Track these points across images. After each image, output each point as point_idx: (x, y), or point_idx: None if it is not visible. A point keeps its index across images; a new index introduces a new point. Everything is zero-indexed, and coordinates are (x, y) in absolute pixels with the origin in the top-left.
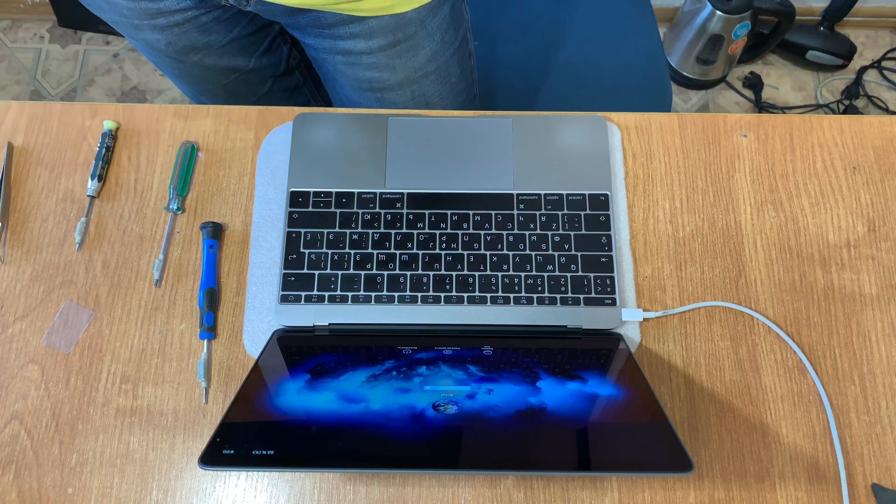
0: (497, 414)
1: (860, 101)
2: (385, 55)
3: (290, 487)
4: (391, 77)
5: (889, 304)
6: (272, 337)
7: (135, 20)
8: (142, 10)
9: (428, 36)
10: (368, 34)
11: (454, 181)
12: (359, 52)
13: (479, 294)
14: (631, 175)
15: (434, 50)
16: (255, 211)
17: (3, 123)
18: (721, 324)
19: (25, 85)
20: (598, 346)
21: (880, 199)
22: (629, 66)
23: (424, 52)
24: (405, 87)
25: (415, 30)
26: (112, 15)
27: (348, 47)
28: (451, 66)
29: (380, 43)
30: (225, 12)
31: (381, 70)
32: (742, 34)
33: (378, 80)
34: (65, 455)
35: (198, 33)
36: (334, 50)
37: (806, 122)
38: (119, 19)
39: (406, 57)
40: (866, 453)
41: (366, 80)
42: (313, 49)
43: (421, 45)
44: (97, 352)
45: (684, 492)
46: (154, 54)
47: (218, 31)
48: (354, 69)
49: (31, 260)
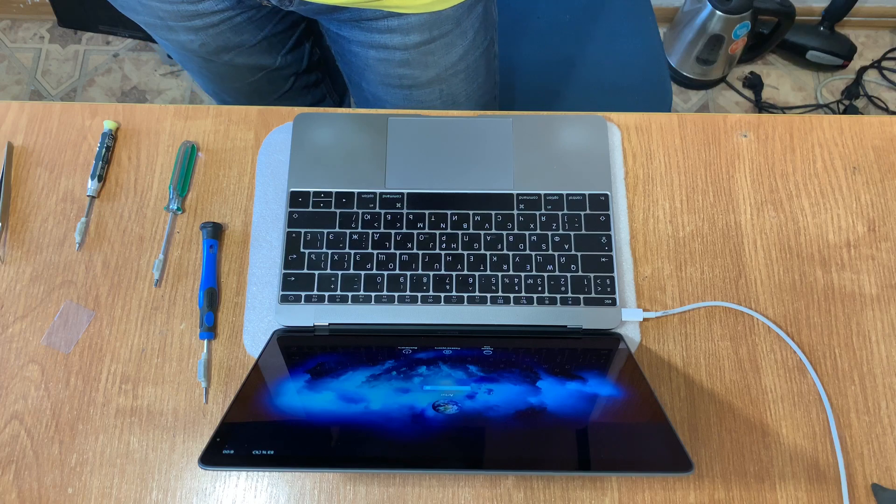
0: (497, 414)
1: (860, 101)
2: (419, 52)
3: (290, 487)
4: (422, 74)
5: (889, 304)
6: (272, 337)
7: (170, 22)
8: (179, 12)
9: (462, 34)
10: (406, 29)
11: (454, 181)
12: (393, 47)
13: (479, 294)
14: (631, 175)
15: (466, 49)
16: (255, 211)
17: (3, 123)
18: (721, 324)
19: (25, 85)
20: (598, 346)
21: (880, 199)
22: (629, 67)
23: (457, 50)
24: (434, 86)
25: (450, 27)
26: (146, 17)
27: (384, 41)
28: (480, 66)
29: (415, 39)
30: (258, 11)
31: (414, 67)
32: (742, 34)
33: (409, 76)
34: (65, 455)
35: (231, 33)
36: (369, 44)
37: (806, 122)
38: (153, 21)
39: (439, 54)
40: (866, 453)
41: (396, 76)
42: (346, 41)
43: (454, 43)
44: (97, 352)
45: (684, 492)
46: (184, 54)
47: (250, 31)
48: (386, 65)
49: (31, 260)
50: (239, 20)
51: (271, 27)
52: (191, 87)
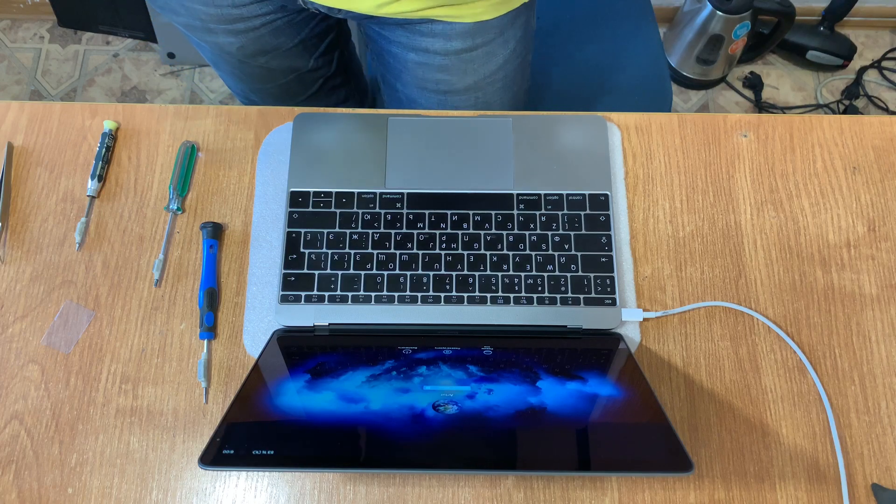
0: (497, 414)
1: (860, 101)
2: (460, 58)
3: (290, 487)
4: (460, 81)
5: (889, 304)
6: (272, 337)
7: (211, 24)
8: (223, 15)
9: (504, 43)
10: (450, 35)
11: (454, 181)
12: (434, 52)
13: (479, 294)
14: (631, 175)
15: (506, 58)
16: (255, 211)
17: (3, 123)
18: (721, 324)
19: (25, 85)
20: (598, 346)
21: (880, 199)
22: (630, 67)
23: (497, 59)
24: (471, 93)
25: (493, 36)
26: (187, 19)
27: (425, 45)
28: (517, 75)
29: (457, 46)
30: (298, 14)
31: (452, 73)
32: (742, 34)
33: (446, 82)
34: (65, 455)
35: (271, 37)
36: (410, 46)
37: (806, 122)
38: (194, 23)
39: (479, 62)
40: (866, 453)
41: (433, 80)
42: (386, 41)
43: (495, 52)
44: (97, 352)
45: (684, 492)
46: (220, 56)
47: (288, 34)
48: (425, 69)
49: (31, 260)
50: (279, 24)
51: (308, 30)
52: (191, 87)
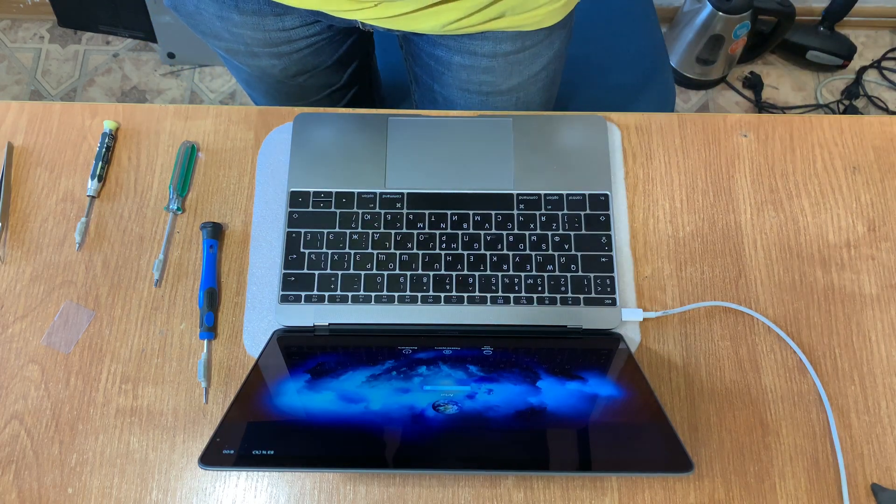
0: (497, 414)
1: (860, 101)
2: (507, 61)
3: (290, 487)
4: (504, 83)
5: (889, 304)
6: (272, 337)
7: (255, 48)
8: (269, 39)
9: (549, 45)
10: (500, 39)
11: (454, 181)
12: (482, 55)
13: (479, 294)
14: (631, 175)
15: (550, 59)
16: (255, 211)
17: (3, 123)
18: (721, 324)
19: (25, 85)
20: (598, 346)
21: (880, 199)
22: (632, 66)
23: (542, 60)
24: (513, 93)
25: (541, 38)
26: (231, 44)
27: (473, 48)
28: (557, 75)
29: (506, 49)
30: (339, 33)
31: (497, 75)
32: (742, 34)
33: (490, 83)
34: (65, 455)
35: (312, 56)
36: (458, 48)
37: (806, 122)
38: (237, 48)
39: (525, 64)
40: (866, 453)
41: (477, 82)
42: (431, 45)
43: (541, 53)
44: (97, 352)
45: (684, 492)
46: (259, 77)
47: (328, 52)
48: (469, 71)
49: (31, 260)
50: (322, 43)
51: (346, 47)
52: (191, 87)
